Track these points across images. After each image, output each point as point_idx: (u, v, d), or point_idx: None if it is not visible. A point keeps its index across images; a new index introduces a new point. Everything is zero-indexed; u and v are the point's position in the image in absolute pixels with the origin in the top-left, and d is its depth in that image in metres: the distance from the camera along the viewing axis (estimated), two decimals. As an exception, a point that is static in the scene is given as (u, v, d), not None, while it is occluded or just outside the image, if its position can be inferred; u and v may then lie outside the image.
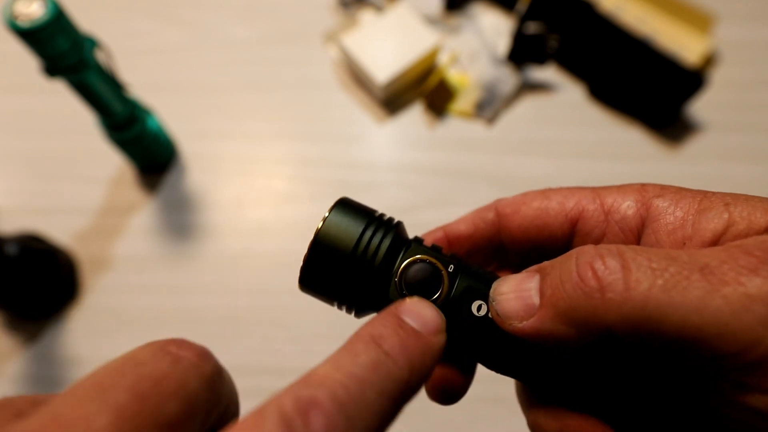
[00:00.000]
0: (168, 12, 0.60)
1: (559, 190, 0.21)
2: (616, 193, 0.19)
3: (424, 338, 0.16)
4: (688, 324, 0.14)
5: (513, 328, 0.17)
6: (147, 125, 0.47)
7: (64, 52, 0.35)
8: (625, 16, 0.55)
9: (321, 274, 0.19)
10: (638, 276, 0.15)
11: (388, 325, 0.16)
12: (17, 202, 0.51)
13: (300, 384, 0.13)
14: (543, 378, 0.19)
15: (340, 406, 0.13)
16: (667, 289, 0.14)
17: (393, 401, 0.14)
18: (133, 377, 0.13)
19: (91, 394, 0.12)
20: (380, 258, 0.19)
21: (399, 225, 0.21)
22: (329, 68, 0.57)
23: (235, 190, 0.52)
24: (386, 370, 0.14)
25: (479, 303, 0.19)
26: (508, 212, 0.21)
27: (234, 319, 0.46)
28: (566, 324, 0.16)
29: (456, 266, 0.19)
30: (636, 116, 0.54)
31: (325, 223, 0.19)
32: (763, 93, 0.55)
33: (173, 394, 0.13)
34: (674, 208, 0.17)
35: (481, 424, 0.43)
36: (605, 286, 0.15)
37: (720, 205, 0.16)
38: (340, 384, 0.13)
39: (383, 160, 0.53)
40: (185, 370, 0.14)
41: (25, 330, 0.46)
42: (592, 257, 0.16)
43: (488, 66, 0.56)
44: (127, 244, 0.49)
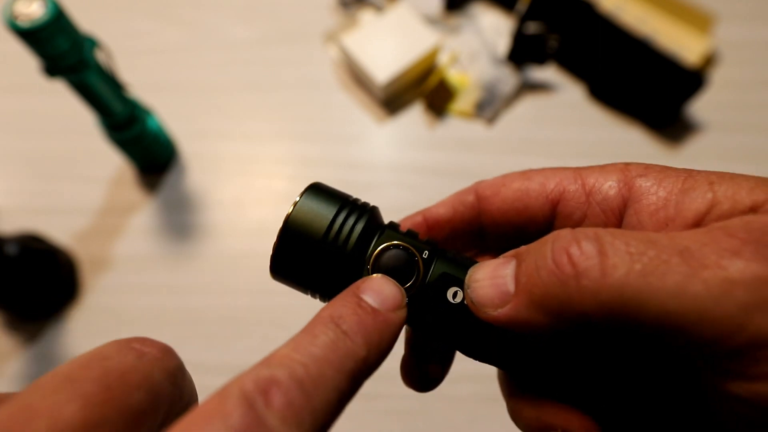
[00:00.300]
0: (168, 12, 0.60)
1: (541, 170, 0.20)
2: (598, 173, 0.19)
3: (383, 316, 0.16)
4: (667, 310, 0.13)
5: (488, 316, 0.16)
6: (147, 125, 0.47)
7: (64, 52, 0.35)
8: (625, 16, 0.55)
9: (292, 261, 0.19)
10: (615, 261, 0.14)
11: (347, 304, 0.16)
12: (17, 202, 0.51)
13: (260, 365, 0.14)
14: (521, 366, 0.18)
15: (299, 383, 0.13)
16: (645, 274, 0.14)
17: (351, 378, 0.14)
18: (99, 370, 0.13)
19: (60, 385, 0.13)
20: (352, 244, 0.18)
21: (374, 210, 0.20)
22: (329, 68, 0.57)
23: (235, 190, 0.52)
24: (344, 349, 0.15)
25: (455, 290, 0.18)
26: (488, 194, 0.20)
27: (234, 319, 0.46)
28: (541, 312, 0.15)
29: (431, 252, 0.19)
30: (636, 116, 0.54)
31: (295, 208, 0.19)
32: (763, 93, 0.55)
33: (138, 385, 0.13)
34: (657, 188, 0.17)
35: (481, 424, 0.43)
36: (581, 273, 0.14)
37: (704, 185, 0.16)
38: (298, 363, 0.14)
39: (383, 160, 0.53)
40: (149, 364, 0.14)
41: (25, 330, 0.46)
42: (568, 242, 0.15)
43: (488, 66, 0.56)
44: (127, 244, 0.49)
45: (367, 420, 0.43)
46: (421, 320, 0.19)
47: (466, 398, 0.43)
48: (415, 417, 0.43)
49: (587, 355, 0.17)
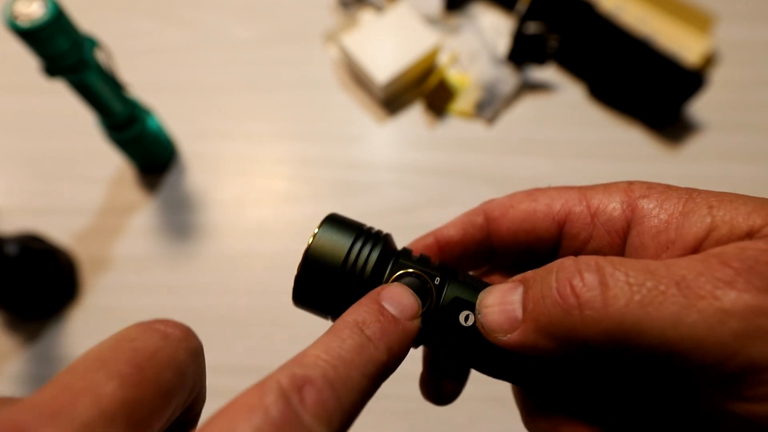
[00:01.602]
0: (168, 12, 0.60)
1: (546, 190, 0.21)
2: (602, 193, 0.19)
3: (402, 324, 0.17)
4: (666, 339, 0.14)
5: (498, 341, 0.17)
6: (147, 125, 0.47)
7: (64, 52, 0.35)
8: (625, 16, 0.55)
9: (313, 289, 0.20)
10: (616, 292, 0.15)
11: (370, 311, 0.17)
12: (17, 202, 0.51)
13: (294, 363, 0.15)
14: (532, 383, 0.19)
15: (330, 383, 0.14)
16: (644, 305, 0.14)
17: (373, 380, 0.15)
18: (129, 351, 0.14)
19: (95, 365, 0.13)
20: (369, 271, 0.19)
21: (387, 237, 0.21)
22: (329, 68, 0.57)
23: (235, 190, 0.52)
24: (368, 353, 0.16)
25: (466, 313, 0.19)
26: (496, 215, 0.21)
27: (234, 319, 0.46)
28: (548, 338, 0.16)
29: (443, 277, 0.20)
30: (636, 116, 0.54)
31: (314, 239, 0.20)
32: (763, 93, 0.55)
33: (167, 364, 0.14)
34: (659, 210, 0.17)
35: (481, 424, 0.43)
36: (583, 303, 0.15)
37: (704, 208, 0.16)
38: (329, 365, 0.15)
39: (383, 160, 0.53)
40: (175, 344, 0.15)
41: (25, 330, 0.46)
42: (571, 273, 0.16)
43: (488, 66, 0.56)
44: (127, 244, 0.49)
45: (367, 420, 0.43)
46: (435, 341, 0.20)
47: (466, 398, 0.43)
48: (415, 417, 0.43)
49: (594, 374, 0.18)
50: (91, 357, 0.14)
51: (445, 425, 0.43)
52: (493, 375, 0.20)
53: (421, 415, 0.43)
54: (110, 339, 0.15)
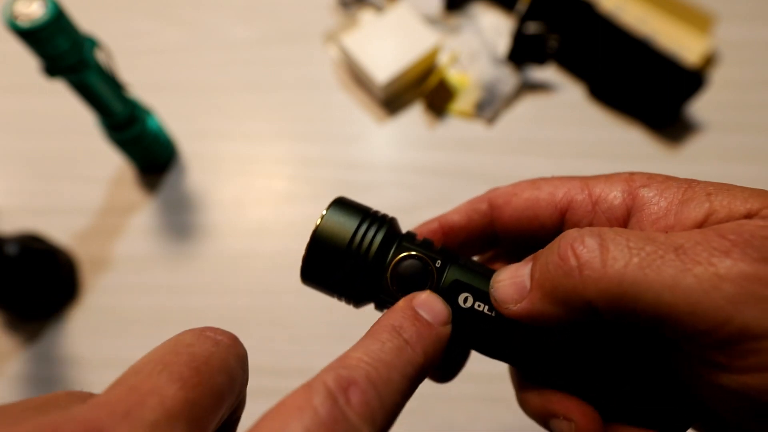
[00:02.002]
0: (168, 12, 0.60)
1: (550, 179, 0.21)
2: (604, 183, 0.20)
3: (435, 329, 0.18)
4: (662, 301, 0.15)
5: (508, 311, 0.18)
6: (147, 125, 0.47)
7: (64, 52, 0.35)
8: (625, 16, 0.55)
9: (320, 268, 0.21)
10: (615, 254, 0.15)
11: (406, 317, 0.18)
12: (17, 202, 0.51)
13: (338, 365, 0.15)
14: (528, 362, 0.20)
15: (373, 385, 0.15)
16: (642, 267, 0.15)
17: (411, 382, 0.16)
18: (187, 356, 0.15)
19: (158, 368, 0.14)
20: (373, 252, 0.20)
21: (392, 221, 0.22)
22: (329, 68, 0.57)
23: (235, 190, 0.52)
24: (407, 356, 0.16)
25: (465, 295, 0.20)
26: (500, 203, 0.22)
27: (234, 319, 0.46)
28: (552, 303, 0.17)
29: (444, 260, 0.20)
30: (636, 116, 0.54)
31: (322, 220, 0.21)
32: (763, 93, 0.55)
33: (220, 369, 0.15)
34: (659, 198, 0.18)
35: (481, 424, 0.43)
36: (583, 264, 0.16)
37: (702, 195, 0.17)
38: (371, 366, 0.15)
39: (383, 160, 0.53)
40: (225, 351, 0.16)
41: (25, 330, 0.46)
42: (573, 238, 0.17)
43: (488, 66, 0.56)
44: (127, 244, 0.49)
45: (367, 420, 0.43)
46: None
47: (466, 398, 0.43)
48: (415, 417, 0.43)
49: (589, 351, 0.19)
50: (153, 360, 0.14)
51: (445, 425, 0.43)
52: (490, 355, 0.20)
53: (421, 415, 0.43)
54: (168, 343, 0.15)
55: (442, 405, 0.43)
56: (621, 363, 0.19)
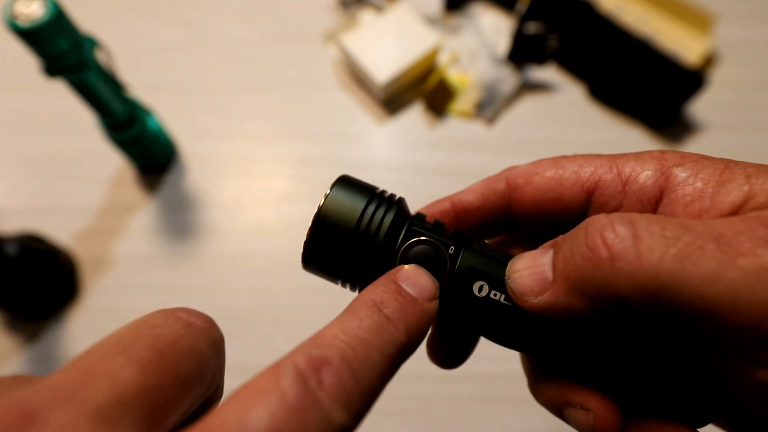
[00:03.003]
0: (168, 12, 0.60)
1: (574, 157, 0.19)
2: (635, 161, 0.18)
3: (420, 304, 0.17)
4: (702, 295, 0.13)
5: (529, 305, 0.17)
6: (147, 125, 0.47)
7: (64, 52, 0.35)
8: (625, 16, 0.55)
9: (324, 252, 0.19)
10: (650, 244, 0.14)
11: (388, 291, 0.16)
12: (17, 202, 0.51)
13: (311, 344, 0.14)
14: (544, 353, 0.19)
15: (348, 364, 0.13)
16: (680, 259, 0.14)
17: (392, 361, 0.15)
18: (151, 337, 0.13)
19: (116, 349, 0.13)
20: (383, 234, 0.19)
21: (401, 201, 0.20)
22: (329, 68, 0.57)
23: (235, 190, 0.52)
24: (387, 334, 0.15)
25: (481, 284, 0.18)
26: (519, 183, 0.20)
27: (234, 319, 0.46)
28: (579, 296, 0.15)
29: (457, 246, 0.19)
30: (636, 116, 0.54)
31: (326, 200, 0.19)
32: (763, 93, 0.55)
33: (188, 353, 0.14)
34: (694, 179, 0.16)
35: (481, 424, 0.43)
36: (615, 255, 0.14)
37: (741, 177, 0.16)
38: (347, 345, 0.14)
39: (383, 160, 0.53)
40: (197, 333, 0.15)
41: (25, 330, 0.46)
42: (602, 226, 0.15)
43: (488, 66, 0.56)
44: (127, 244, 0.49)
45: (367, 419, 0.43)
46: (448, 311, 0.19)
47: (466, 398, 0.43)
48: (415, 417, 0.43)
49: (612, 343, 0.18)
50: (111, 341, 0.13)
51: (445, 425, 0.43)
52: (505, 345, 0.19)
53: (421, 415, 0.43)
54: (132, 323, 0.14)
55: (442, 405, 0.43)
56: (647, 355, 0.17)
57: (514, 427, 0.42)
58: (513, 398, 0.43)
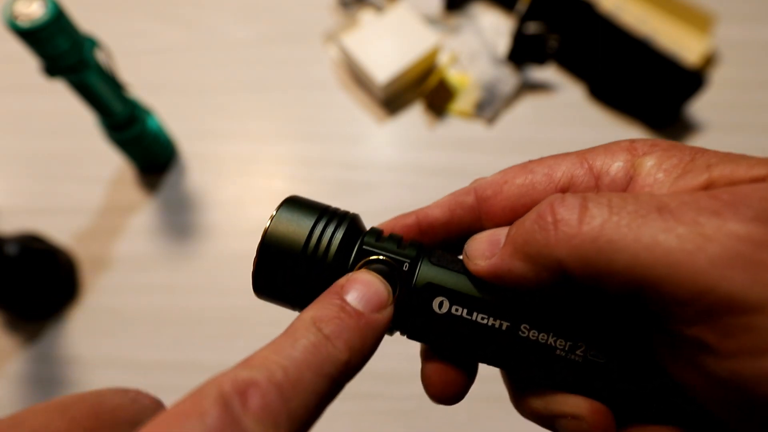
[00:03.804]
0: (168, 12, 0.60)
1: (542, 160, 0.19)
2: (604, 154, 0.18)
3: (366, 318, 0.16)
4: (639, 262, 0.13)
5: (477, 267, 0.17)
6: (147, 125, 0.47)
7: (64, 52, 0.35)
8: (625, 16, 0.55)
9: (273, 278, 0.18)
10: (593, 212, 0.14)
11: (329, 306, 0.16)
12: (17, 202, 0.51)
13: (239, 367, 0.14)
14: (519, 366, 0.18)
15: (277, 386, 0.13)
16: (620, 226, 0.14)
17: (332, 381, 0.14)
18: (93, 402, 0.14)
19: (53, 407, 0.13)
20: (332, 254, 0.18)
21: (354, 218, 0.19)
22: (329, 68, 0.57)
23: (235, 190, 0.52)
24: (325, 353, 0.14)
25: (440, 299, 0.17)
26: (488, 194, 0.19)
27: (234, 319, 0.46)
28: (522, 259, 0.16)
29: (414, 260, 0.18)
30: (636, 116, 0.54)
31: (272, 222, 0.18)
32: (763, 93, 0.55)
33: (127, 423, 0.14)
34: (656, 170, 0.16)
35: (481, 424, 0.43)
36: (559, 221, 0.15)
37: (702, 167, 0.15)
38: (278, 365, 0.13)
39: (383, 160, 0.53)
40: (141, 409, 0.15)
41: (25, 330, 0.46)
42: (554, 198, 0.15)
43: (488, 66, 0.56)
44: (127, 244, 0.49)
45: (367, 420, 0.43)
46: (409, 328, 0.18)
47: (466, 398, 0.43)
48: (415, 417, 0.43)
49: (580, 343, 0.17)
50: (53, 401, 0.14)
51: (445, 425, 0.43)
52: (475, 360, 0.19)
53: (421, 415, 0.43)
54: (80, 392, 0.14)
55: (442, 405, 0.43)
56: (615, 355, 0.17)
57: (514, 427, 0.42)
58: (513, 398, 0.43)
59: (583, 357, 0.17)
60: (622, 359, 0.17)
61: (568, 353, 0.17)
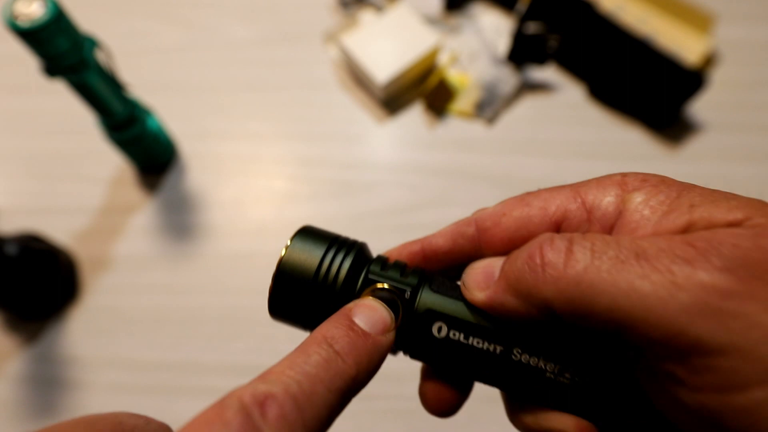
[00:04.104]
0: (168, 12, 0.60)
1: (539, 193, 0.20)
2: (596, 188, 0.19)
3: (372, 338, 0.17)
4: (617, 306, 0.14)
5: (473, 297, 0.18)
6: (147, 125, 0.47)
7: (64, 52, 0.35)
8: (625, 16, 0.55)
9: (287, 302, 0.20)
10: (578, 256, 0.15)
11: (339, 326, 0.17)
12: (17, 202, 0.51)
13: (257, 380, 0.15)
14: (512, 385, 0.20)
15: (293, 398, 0.14)
16: (601, 270, 0.15)
17: (341, 395, 0.15)
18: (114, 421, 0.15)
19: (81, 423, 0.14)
20: (340, 282, 0.19)
21: (361, 246, 0.21)
22: (329, 68, 0.57)
23: (235, 190, 0.52)
24: (336, 368, 0.16)
25: (439, 324, 0.19)
26: (488, 225, 0.20)
27: (234, 319, 0.46)
28: (514, 296, 0.17)
29: (415, 288, 0.20)
30: (636, 116, 0.54)
31: (287, 251, 0.20)
32: (763, 93, 0.55)
33: None
34: (643, 206, 0.17)
35: (481, 424, 0.43)
36: (546, 263, 0.16)
37: (685, 206, 0.16)
38: (293, 380, 0.15)
39: (383, 160, 0.53)
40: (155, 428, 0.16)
41: (25, 330, 0.46)
42: (544, 239, 0.17)
43: (488, 66, 0.56)
44: (127, 244, 0.49)
45: (367, 420, 0.43)
46: (411, 349, 0.20)
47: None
48: (415, 417, 0.43)
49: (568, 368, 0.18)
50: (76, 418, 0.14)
51: (445, 425, 0.43)
52: (472, 380, 0.20)
53: (421, 415, 0.43)
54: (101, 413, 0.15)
55: (442, 405, 0.43)
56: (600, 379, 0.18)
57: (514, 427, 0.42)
58: (513, 398, 0.43)
59: (571, 379, 0.18)
60: (606, 383, 0.18)
61: (557, 376, 0.18)
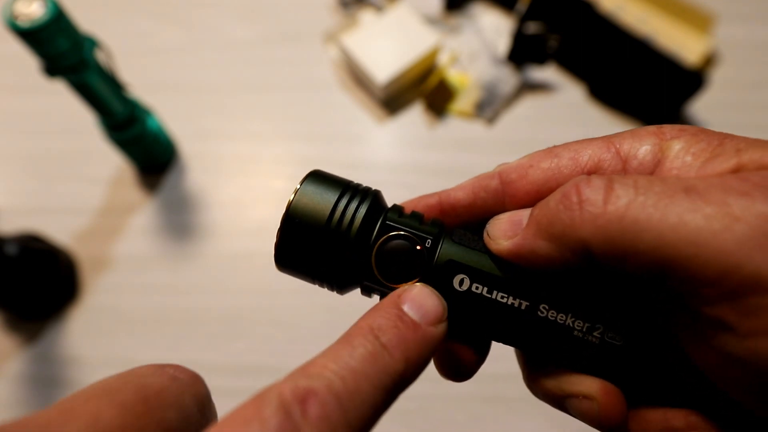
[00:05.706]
0: (168, 12, 0.60)
1: (568, 145, 0.19)
2: (632, 138, 0.17)
3: (423, 330, 0.16)
4: (664, 242, 0.13)
5: (499, 247, 0.17)
6: (147, 125, 0.47)
7: (64, 52, 0.35)
8: (625, 16, 0.55)
9: (296, 251, 0.18)
10: (619, 192, 0.14)
11: (387, 316, 0.16)
12: (17, 202, 0.51)
13: (298, 373, 0.13)
14: (535, 345, 0.18)
15: (336, 396, 0.13)
16: (646, 206, 0.14)
17: (387, 392, 0.14)
18: (138, 384, 0.14)
19: (99, 393, 0.13)
20: (355, 229, 0.18)
21: (377, 194, 0.19)
22: (329, 68, 0.57)
23: (235, 190, 0.52)
24: (383, 363, 0.14)
25: (461, 277, 0.18)
26: (513, 178, 0.19)
27: (234, 319, 0.46)
28: (546, 239, 0.15)
29: (436, 237, 0.18)
30: (636, 116, 0.54)
31: (296, 196, 0.18)
32: (763, 93, 0.55)
33: (172, 404, 0.14)
34: (685, 153, 0.16)
35: (481, 424, 0.43)
36: (584, 200, 0.15)
37: (731, 152, 0.15)
38: (336, 375, 0.13)
39: (383, 160, 0.53)
40: (182, 387, 0.15)
41: (25, 330, 0.46)
42: (580, 179, 0.15)
43: (488, 66, 0.56)
44: (127, 244, 0.49)
45: (367, 420, 0.43)
46: None
47: (466, 398, 0.43)
48: (415, 417, 0.43)
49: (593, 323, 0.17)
50: (98, 385, 0.14)
51: (445, 425, 0.43)
52: (491, 339, 0.19)
53: (421, 415, 0.43)
54: (121, 373, 0.14)
55: (442, 405, 0.43)
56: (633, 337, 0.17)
57: (514, 427, 0.42)
58: (513, 398, 0.43)
59: (600, 338, 0.17)
60: (639, 341, 0.17)
61: (585, 334, 0.17)
